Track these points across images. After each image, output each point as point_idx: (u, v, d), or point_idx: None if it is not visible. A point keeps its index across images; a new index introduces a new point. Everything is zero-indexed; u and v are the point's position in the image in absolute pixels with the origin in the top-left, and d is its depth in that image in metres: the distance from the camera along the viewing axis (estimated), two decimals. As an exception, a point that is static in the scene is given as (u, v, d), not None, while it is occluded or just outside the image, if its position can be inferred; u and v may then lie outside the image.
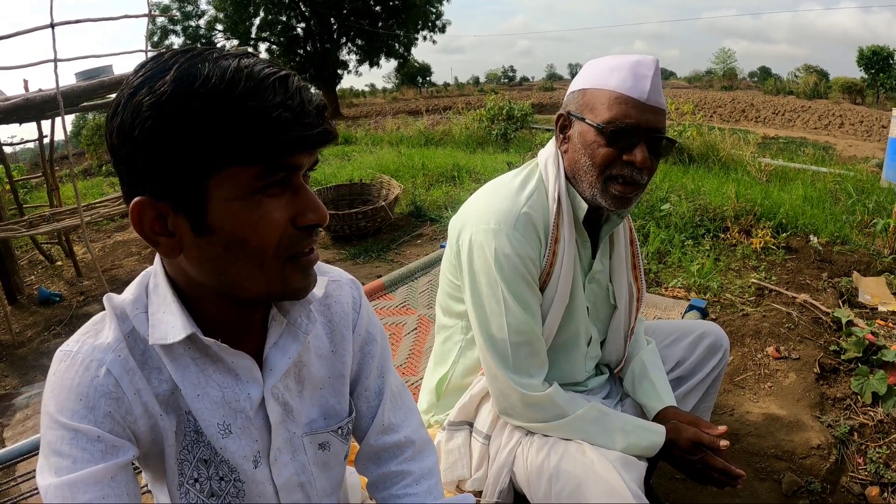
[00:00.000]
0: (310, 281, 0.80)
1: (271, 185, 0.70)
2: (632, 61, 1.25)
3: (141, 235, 0.73)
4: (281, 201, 0.72)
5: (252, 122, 0.66)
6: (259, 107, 0.66)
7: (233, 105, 0.65)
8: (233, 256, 0.72)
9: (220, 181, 0.68)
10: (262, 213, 0.70)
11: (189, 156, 0.66)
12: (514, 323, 1.29)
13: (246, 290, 0.75)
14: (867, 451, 2.22)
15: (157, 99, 0.65)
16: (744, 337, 3.01)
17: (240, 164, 0.67)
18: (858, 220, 4.63)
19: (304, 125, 0.68)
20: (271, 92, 0.67)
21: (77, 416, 0.73)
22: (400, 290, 2.55)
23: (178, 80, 0.66)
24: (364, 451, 1.02)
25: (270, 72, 0.68)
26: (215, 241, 0.71)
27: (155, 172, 0.68)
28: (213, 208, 0.69)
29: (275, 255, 0.73)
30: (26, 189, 9.65)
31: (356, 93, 54.30)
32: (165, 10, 26.28)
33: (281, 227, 0.72)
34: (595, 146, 1.26)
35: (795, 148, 12.05)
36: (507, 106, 11.25)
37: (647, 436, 1.32)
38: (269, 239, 0.72)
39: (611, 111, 1.24)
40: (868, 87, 30.27)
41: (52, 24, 4.25)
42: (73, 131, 19.30)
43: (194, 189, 0.68)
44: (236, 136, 0.66)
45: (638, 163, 1.24)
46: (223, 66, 0.67)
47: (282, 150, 0.68)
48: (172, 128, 0.65)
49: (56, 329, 4.40)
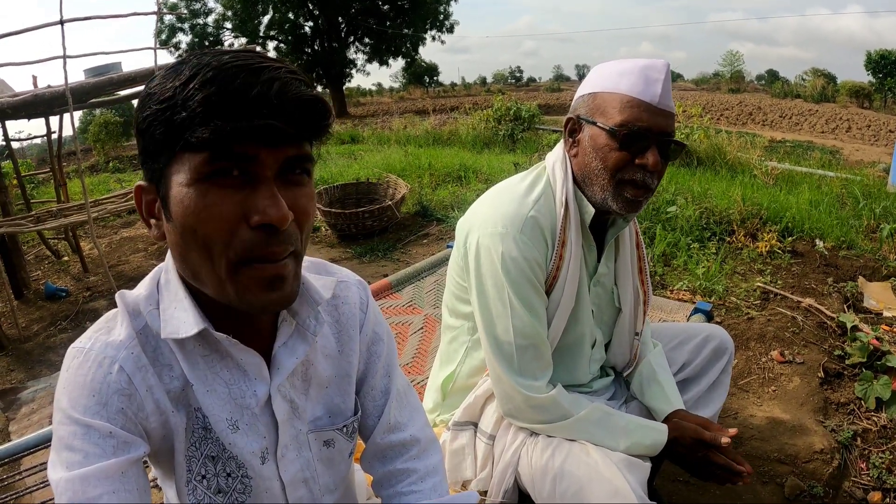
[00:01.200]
0: (272, 298, 0.73)
1: (219, 173, 0.68)
2: (642, 65, 1.25)
3: (140, 217, 0.78)
4: (235, 196, 0.69)
5: (200, 107, 0.65)
6: (206, 94, 0.65)
7: (188, 92, 0.66)
8: (187, 245, 0.72)
9: (177, 167, 0.70)
10: (209, 202, 0.68)
11: (155, 141, 0.70)
12: (520, 326, 1.30)
13: (203, 285, 0.75)
14: (870, 456, 2.22)
15: (148, 90, 0.71)
16: (748, 341, 3.01)
17: (190, 150, 0.68)
18: (865, 225, 4.62)
19: (249, 114, 0.65)
20: (227, 80, 0.66)
21: (90, 412, 0.74)
22: (406, 290, 2.55)
23: (166, 74, 0.70)
24: (370, 450, 1.03)
25: (242, 63, 0.67)
26: (174, 228, 0.73)
27: (143, 157, 0.74)
28: (173, 194, 0.71)
29: (223, 252, 0.70)
30: (34, 184, 9.67)
31: (363, 92, 54.55)
32: (174, 8, 26.38)
33: (229, 221, 0.69)
34: (607, 150, 1.26)
35: (802, 152, 12.03)
36: (515, 107, 11.20)
37: (650, 434, 1.33)
38: (215, 232, 0.69)
39: (623, 115, 1.24)
40: (876, 92, 30.15)
41: (62, 20, 4.27)
42: (80, 127, 19.37)
43: (160, 173, 0.72)
44: (187, 121, 0.66)
45: (650, 166, 1.24)
46: (205, 60, 0.68)
47: (225, 137, 0.66)
48: (148, 116, 0.69)
49: (62, 324, 4.42)
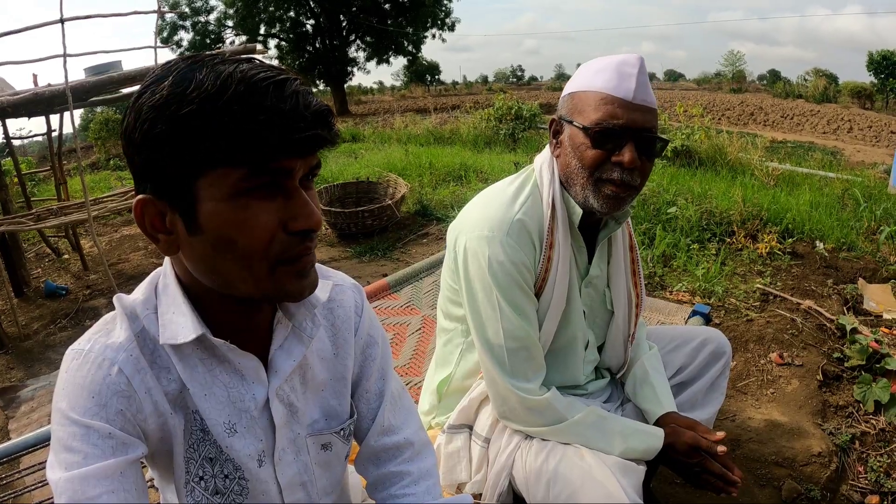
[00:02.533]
0: (305, 284, 0.79)
1: (258, 187, 0.70)
2: (617, 61, 1.24)
3: (143, 231, 0.75)
4: (272, 205, 0.72)
5: (237, 124, 0.67)
6: (245, 110, 0.67)
7: (220, 108, 0.67)
8: (221, 256, 0.73)
9: (210, 182, 0.69)
10: (249, 215, 0.71)
11: (180, 156, 0.68)
12: (510, 328, 1.30)
13: (237, 290, 0.76)
14: (868, 459, 2.22)
15: (154, 102, 0.68)
16: (747, 342, 3.01)
17: (226, 166, 0.68)
18: (865, 227, 4.61)
19: (291, 129, 0.68)
20: (261, 95, 0.67)
21: (89, 413, 0.74)
22: (405, 290, 2.55)
23: (175, 84, 0.68)
24: (364, 452, 1.03)
25: (265, 76, 0.69)
26: (205, 241, 0.72)
27: (153, 172, 0.71)
28: (203, 208, 0.71)
29: (263, 257, 0.73)
30: (34, 182, 9.69)
31: (364, 90, 54.53)
32: (175, 6, 26.35)
33: (269, 230, 0.72)
34: (583, 148, 1.26)
35: (803, 152, 11.98)
36: (516, 106, 11.17)
37: (645, 439, 1.33)
38: (257, 241, 0.72)
39: (597, 112, 1.23)
40: (878, 92, 30.03)
41: (62, 19, 4.27)
42: (81, 125, 19.40)
43: (186, 189, 0.70)
44: (222, 138, 0.67)
45: (626, 163, 1.23)
46: (218, 71, 0.68)
47: (267, 153, 0.68)
48: (165, 130, 0.68)
49: (62, 322, 4.42)
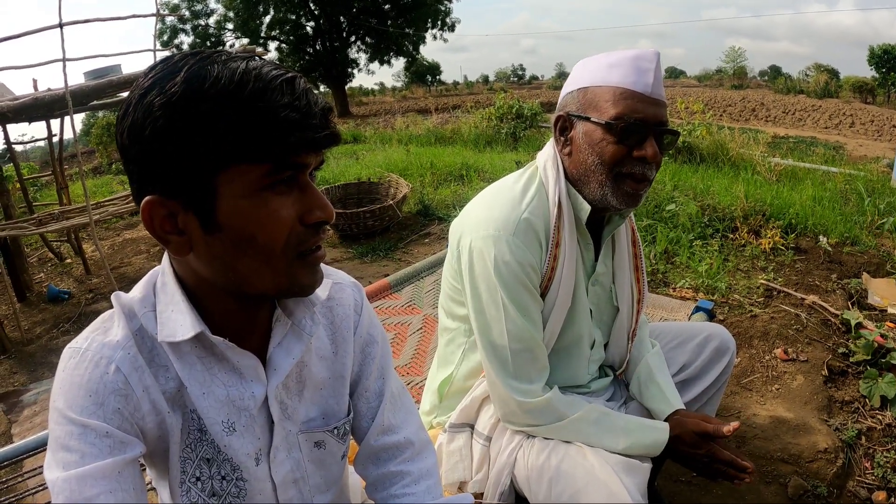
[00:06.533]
0: (317, 278, 0.81)
1: (279, 182, 0.72)
2: (632, 55, 1.23)
3: (152, 234, 0.75)
4: (288, 199, 0.74)
5: (261, 121, 0.68)
6: (267, 107, 0.68)
7: (242, 105, 0.67)
8: (241, 253, 0.73)
9: (229, 179, 0.70)
10: (270, 210, 0.72)
11: (199, 154, 0.68)
12: (514, 330, 1.28)
13: (253, 287, 0.77)
14: (875, 455, 2.20)
15: (167, 99, 0.67)
16: (751, 338, 2.99)
17: (248, 162, 0.69)
18: (868, 221, 4.60)
19: (312, 126, 0.70)
20: (279, 93, 0.68)
21: (86, 412, 0.74)
22: (406, 290, 2.55)
23: (189, 80, 0.68)
24: (363, 452, 1.02)
25: (278, 74, 0.70)
26: (224, 239, 0.72)
27: (165, 171, 0.70)
28: (222, 206, 0.71)
29: (283, 252, 0.74)
30: (36, 187, 9.72)
31: (365, 91, 54.64)
32: (174, 10, 26.48)
33: (289, 224, 0.74)
34: (604, 144, 1.24)
35: (805, 147, 11.99)
36: (517, 105, 11.16)
37: (650, 434, 1.31)
38: (278, 236, 0.73)
39: (617, 107, 1.22)
40: (879, 87, 30.00)
41: (61, 23, 4.28)
42: (83, 129, 19.48)
43: (204, 187, 0.70)
44: (245, 135, 0.68)
45: (649, 157, 1.22)
46: (232, 67, 0.69)
47: (290, 150, 0.70)
48: (183, 127, 0.67)
49: (65, 326, 4.43)
